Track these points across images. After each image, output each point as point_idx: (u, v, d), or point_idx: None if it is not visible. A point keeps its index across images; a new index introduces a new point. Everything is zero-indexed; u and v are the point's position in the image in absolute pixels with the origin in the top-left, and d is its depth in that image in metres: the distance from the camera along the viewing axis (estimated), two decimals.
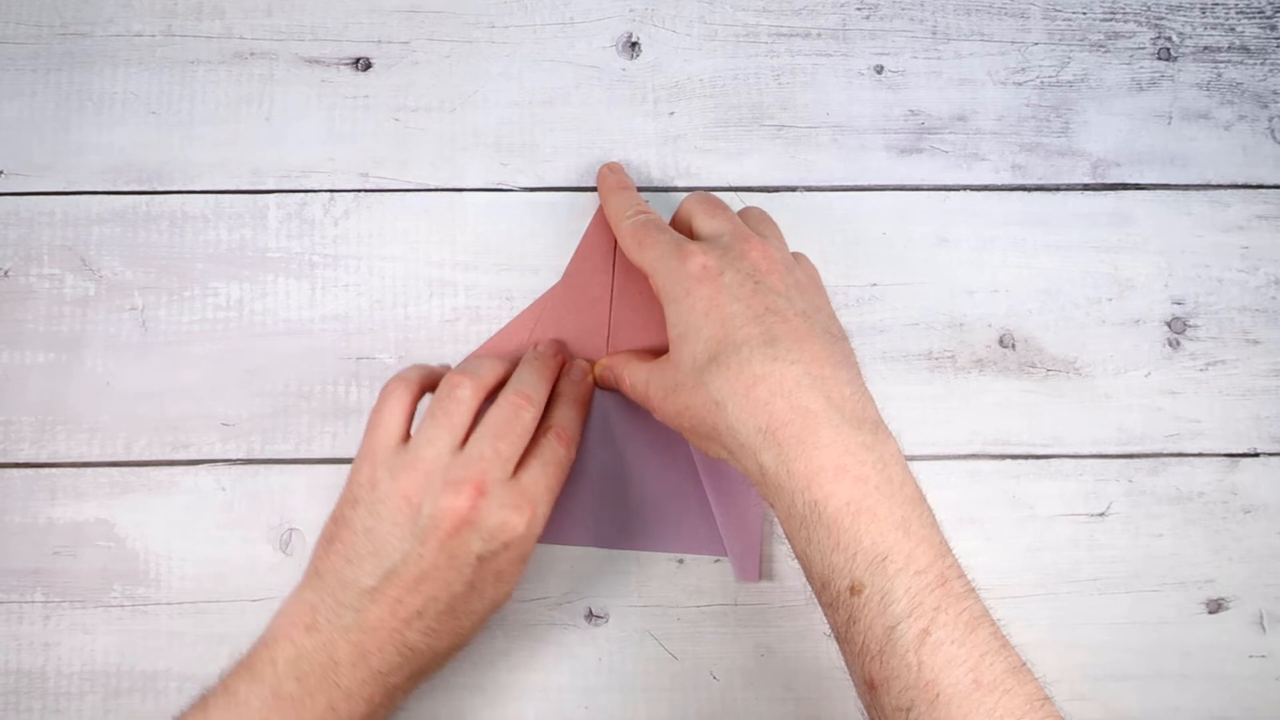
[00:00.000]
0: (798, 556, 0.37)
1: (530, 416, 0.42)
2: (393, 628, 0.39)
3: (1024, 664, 0.34)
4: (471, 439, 0.41)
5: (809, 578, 0.37)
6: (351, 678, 0.38)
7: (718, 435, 0.38)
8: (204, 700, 0.38)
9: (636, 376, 0.43)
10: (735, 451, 0.38)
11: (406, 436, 0.41)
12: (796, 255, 0.45)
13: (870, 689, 0.34)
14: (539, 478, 0.41)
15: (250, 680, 0.38)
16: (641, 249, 0.42)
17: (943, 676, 0.33)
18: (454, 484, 0.39)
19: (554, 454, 0.42)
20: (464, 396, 0.42)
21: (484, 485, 0.39)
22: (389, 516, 0.40)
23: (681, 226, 0.45)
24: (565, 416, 0.44)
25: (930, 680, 0.33)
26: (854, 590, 0.34)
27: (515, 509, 0.39)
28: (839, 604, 0.35)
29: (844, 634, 0.35)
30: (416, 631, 0.39)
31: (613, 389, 0.46)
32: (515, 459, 0.41)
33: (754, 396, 0.36)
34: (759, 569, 0.46)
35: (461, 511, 0.39)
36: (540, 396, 0.43)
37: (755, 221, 0.44)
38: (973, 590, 0.35)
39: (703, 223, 0.43)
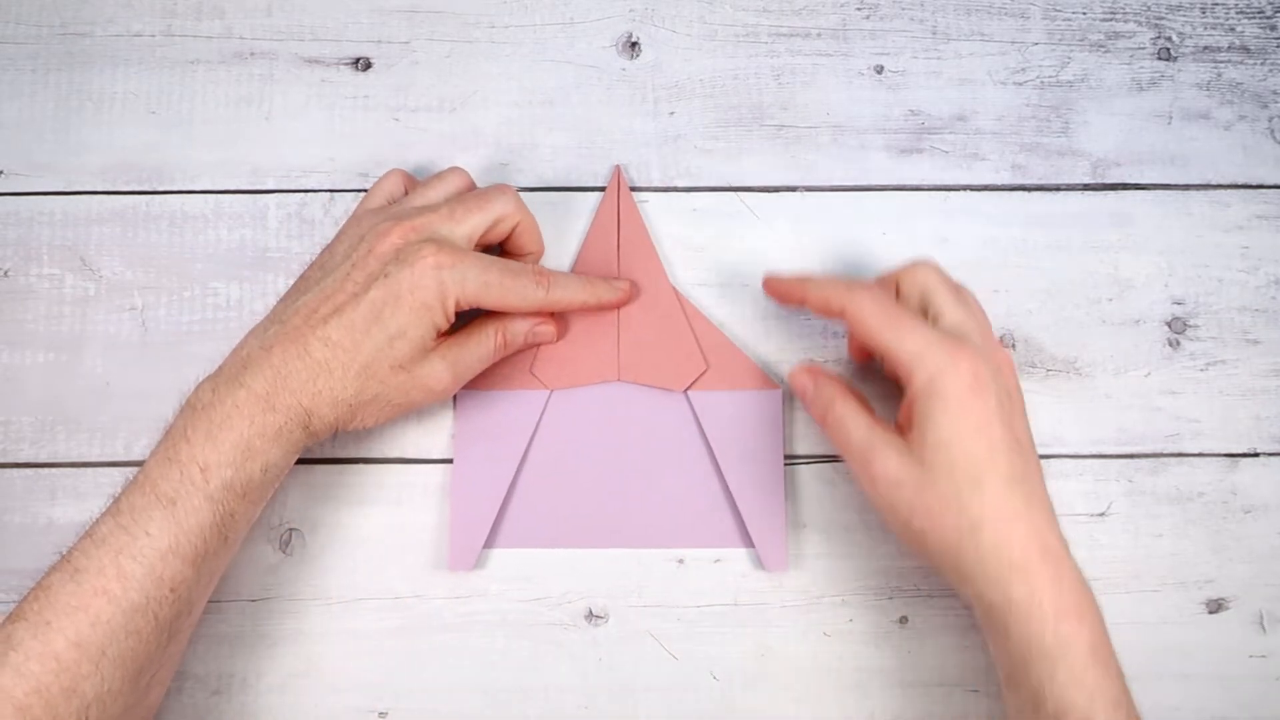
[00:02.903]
0: (1020, 685, 0.38)
1: (503, 213, 0.44)
2: (300, 330, 0.41)
3: None
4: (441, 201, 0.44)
5: (1029, 702, 0.38)
6: (255, 378, 0.40)
7: (958, 554, 0.38)
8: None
9: (855, 431, 0.41)
10: (975, 579, 0.38)
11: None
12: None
13: None
14: (483, 261, 0.42)
15: (181, 409, 0.41)
16: (899, 336, 0.40)
17: None
18: (395, 219, 0.43)
19: (515, 269, 0.43)
20: (454, 179, 0.46)
21: (420, 228, 0.42)
22: (340, 249, 0.43)
23: (911, 290, 0.43)
24: (560, 275, 0.45)
25: None
26: None
27: (436, 247, 0.41)
28: None
29: None
30: (318, 340, 0.40)
31: (798, 394, 0.45)
32: (467, 224, 0.43)
33: (1012, 532, 0.38)
34: (786, 558, 0.46)
35: (388, 235, 0.42)
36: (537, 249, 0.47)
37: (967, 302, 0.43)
38: None
39: (947, 306, 0.41)
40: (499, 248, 0.47)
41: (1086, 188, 0.50)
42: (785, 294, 0.45)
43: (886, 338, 0.40)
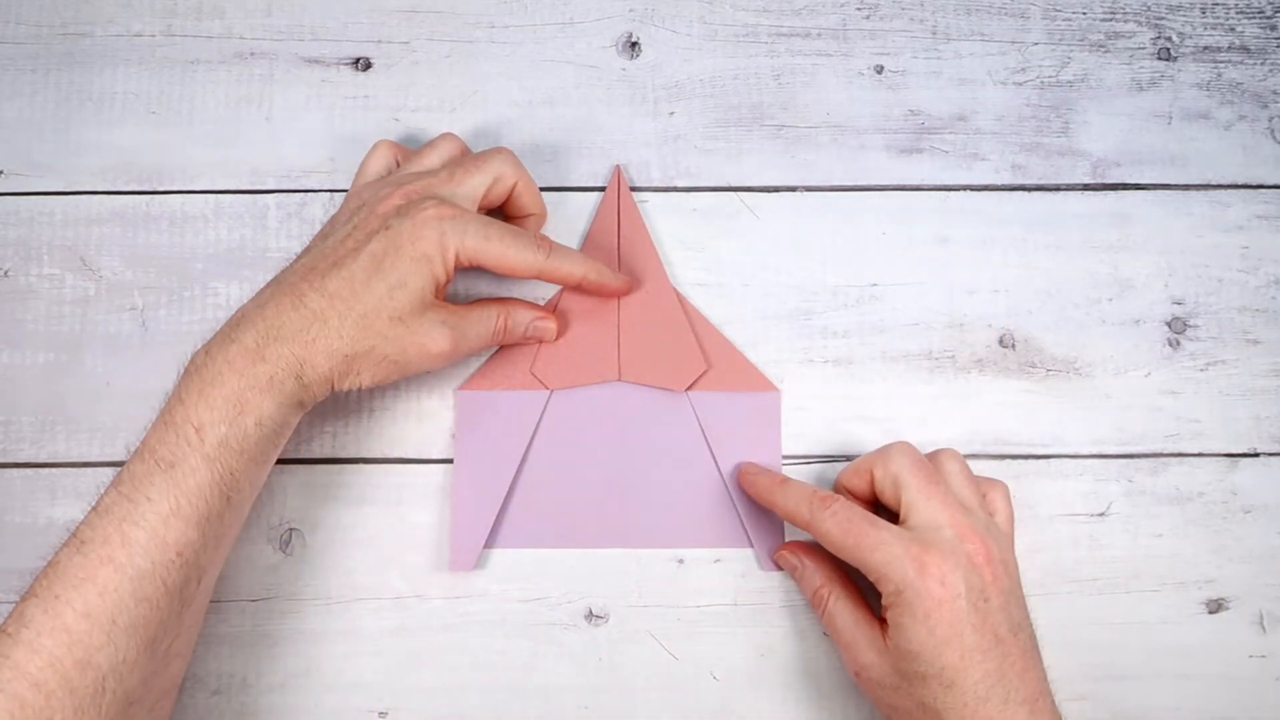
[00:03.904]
0: None
1: (501, 172, 0.44)
2: (296, 285, 0.41)
3: None
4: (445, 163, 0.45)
5: None
6: (246, 333, 0.40)
7: None
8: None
9: (840, 621, 0.43)
10: None
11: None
12: (989, 488, 0.44)
13: None
14: (484, 218, 0.43)
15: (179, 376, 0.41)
16: (862, 550, 0.40)
17: None
18: (396, 184, 0.43)
19: (516, 230, 0.43)
20: (448, 145, 0.46)
21: (421, 190, 0.43)
22: (341, 218, 0.44)
23: (884, 481, 0.42)
24: (562, 245, 0.45)
25: None
26: None
27: (438, 202, 0.42)
28: None
29: None
30: (314, 291, 0.40)
31: (788, 571, 0.46)
32: (468, 185, 0.43)
33: None
34: None
35: (390, 198, 0.42)
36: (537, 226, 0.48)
37: (954, 476, 0.43)
38: None
39: (919, 499, 0.41)
40: (501, 213, 0.47)
41: (1086, 188, 0.50)
42: (756, 495, 0.45)
43: (852, 555, 0.41)
